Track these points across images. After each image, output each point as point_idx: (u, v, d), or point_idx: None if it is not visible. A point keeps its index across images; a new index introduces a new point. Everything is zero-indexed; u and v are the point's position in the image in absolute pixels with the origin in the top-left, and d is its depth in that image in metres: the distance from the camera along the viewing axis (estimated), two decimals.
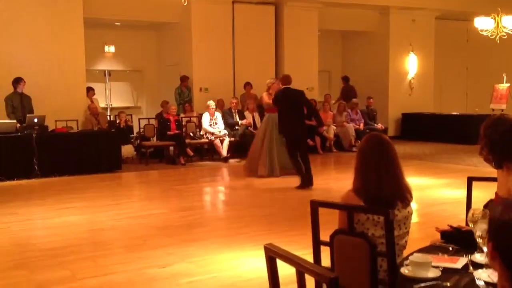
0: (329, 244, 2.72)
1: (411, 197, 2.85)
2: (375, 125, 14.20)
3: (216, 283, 4.28)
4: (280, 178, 9.22)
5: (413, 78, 16.05)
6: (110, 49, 13.86)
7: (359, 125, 13.78)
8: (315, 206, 2.76)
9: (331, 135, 13.18)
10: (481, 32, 12.74)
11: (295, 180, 8.47)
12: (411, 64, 16.00)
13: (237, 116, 12.40)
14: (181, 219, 6.56)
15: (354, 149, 13.18)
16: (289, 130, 8.43)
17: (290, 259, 1.92)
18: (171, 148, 11.59)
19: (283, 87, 8.58)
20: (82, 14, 11.53)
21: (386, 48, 15.67)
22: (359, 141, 14.14)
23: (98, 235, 5.97)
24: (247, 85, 13.22)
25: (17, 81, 10.19)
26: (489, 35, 12.67)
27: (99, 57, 13.83)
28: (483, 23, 12.61)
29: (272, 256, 2.01)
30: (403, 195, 2.78)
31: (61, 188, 8.71)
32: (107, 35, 13.76)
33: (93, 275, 4.47)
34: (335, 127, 13.32)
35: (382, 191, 2.72)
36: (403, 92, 15.95)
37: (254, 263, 4.65)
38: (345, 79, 15.13)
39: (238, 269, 4.59)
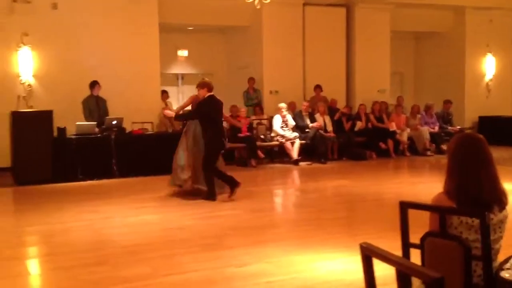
0: (420, 246, 2.63)
1: (507, 200, 2.72)
2: (449, 128, 13.70)
3: (296, 283, 4.24)
4: (349, 181, 9.02)
5: (490, 80, 15.43)
6: (184, 53, 14.15)
7: (434, 128, 13.36)
8: (405, 207, 2.69)
9: (405, 139, 12.83)
10: None
11: (365, 184, 8.29)
12: (489, 66, 15.38)
13: (307, 119, 12.33)
14: (254, 220, 6.58)
15: (429, 153, 12.78)
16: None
17: (389, 258, 1.86)
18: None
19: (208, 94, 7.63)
20: (158, 19, 11.83)
21: (461, 49, 15.13)
22: (434, 145, 13.61)
23: (174, 234, 6.08)
24: (317, 87, 13.13)
25: (92, 84, 10.56)
26: None
27: (172, 61, 14.15)
28: None
29: (368, 255, 1.96)
30: (499, 198, 2.67)
31: (138, 188, 8.95)
32: (179, 39, 14.07)
33: (172, 272, 4.55)
34: (408, 131, 12.97)
35: (482, 193, 2.62)
36: (480, 94, 15.35)
37: (331, 265, 4.61)
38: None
39: (316, 271, 4.54)
